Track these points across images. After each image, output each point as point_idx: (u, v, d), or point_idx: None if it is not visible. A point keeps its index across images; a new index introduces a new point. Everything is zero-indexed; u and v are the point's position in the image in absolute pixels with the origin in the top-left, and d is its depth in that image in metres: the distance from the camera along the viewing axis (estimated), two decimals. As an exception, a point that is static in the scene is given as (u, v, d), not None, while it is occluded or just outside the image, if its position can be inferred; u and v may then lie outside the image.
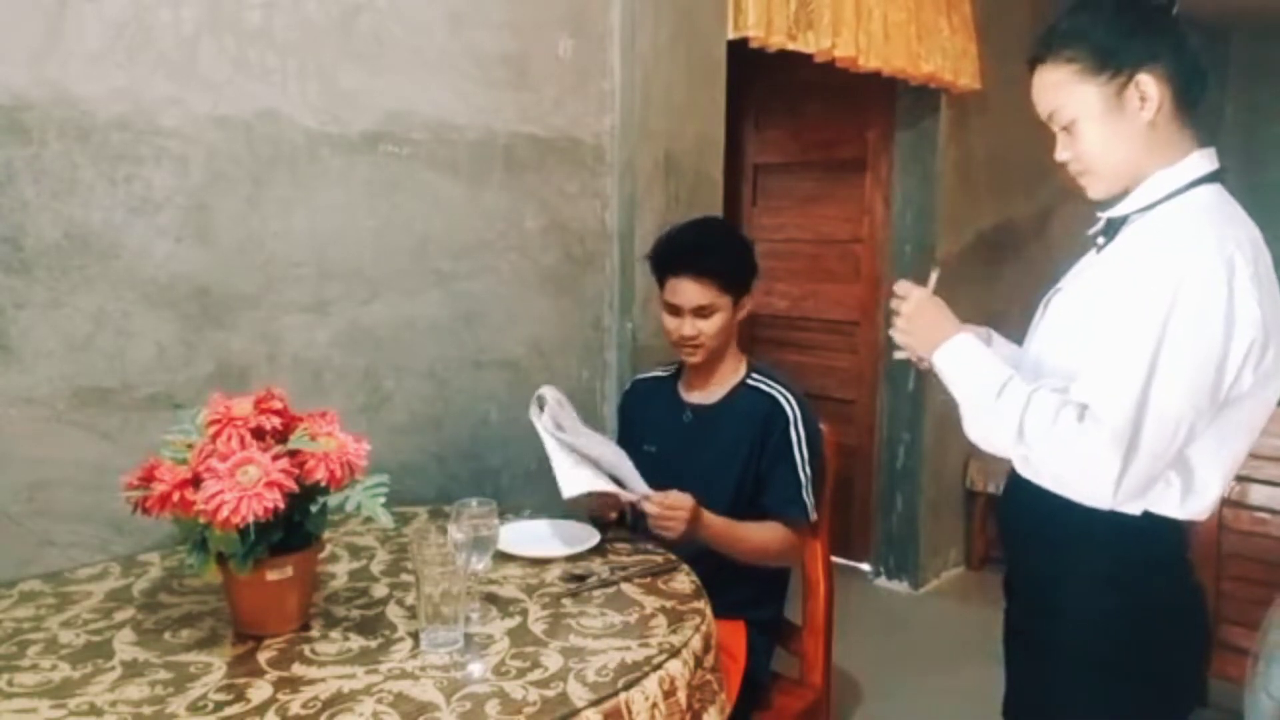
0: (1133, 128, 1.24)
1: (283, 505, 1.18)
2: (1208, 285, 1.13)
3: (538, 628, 1.34)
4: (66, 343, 1.56)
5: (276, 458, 1.20)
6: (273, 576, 1.25)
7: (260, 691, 1.14)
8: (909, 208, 3.56)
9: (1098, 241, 1.35)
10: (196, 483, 1.18)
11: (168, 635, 1.29)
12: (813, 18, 2.68)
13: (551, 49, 2.18)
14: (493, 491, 2.05)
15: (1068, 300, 1.33)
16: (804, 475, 1.83)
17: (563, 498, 1.63)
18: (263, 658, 1.23)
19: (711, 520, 1.73)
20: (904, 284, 1.39)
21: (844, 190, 3.76)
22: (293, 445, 1.24)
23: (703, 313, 1.83)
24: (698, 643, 1.32)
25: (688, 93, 2.45)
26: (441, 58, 1.99)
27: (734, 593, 1.75)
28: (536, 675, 1.19)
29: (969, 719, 2.03)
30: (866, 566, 3.79)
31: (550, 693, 1.14)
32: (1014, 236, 3.85)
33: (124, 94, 1.59)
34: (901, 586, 3.68)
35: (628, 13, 2.29)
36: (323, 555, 1.49)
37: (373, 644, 1.27)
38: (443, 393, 2.07)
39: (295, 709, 1.10)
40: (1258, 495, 2.41)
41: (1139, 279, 1.17)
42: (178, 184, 1.66)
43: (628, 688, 1.17)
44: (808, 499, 1.83)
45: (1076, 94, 1.26)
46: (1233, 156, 1.31)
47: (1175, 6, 1.29)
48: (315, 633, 1.30)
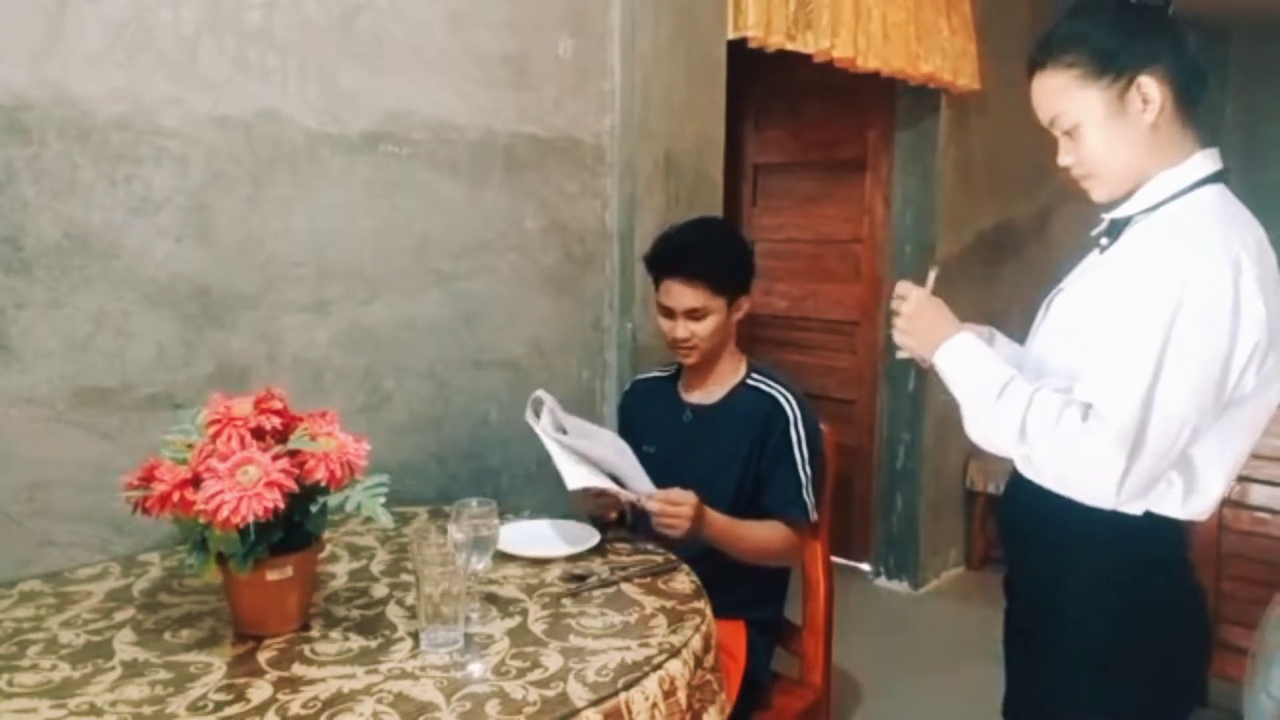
0: (1135, 130, 1.24)
1: (283, 505, 1.18)
2: (1213, 286, 1.13)
3: (538, 628, 1.34)
4: (66, 343, 1.56)
5: (276, 458, 1.20)
6: (273, 576, 1.25)
7: (260, 691, 1.14)
8: (909, 208, 3.56)
9: (1101, 242, 1.34)
10: (196, 483, 1.18)
11: (168, 635, 1.29)
12: (811, 18, 2.68)
13: (551, 49, 2.18)
14: (493, 491, 2.05)
15: (1071, 300, 1.33)
16: (804, 475, 1.83)
17: (568, 489, 1.63)
18: (263, 658, 1.23)
19: (715, 518, 1.73)
20: (904, 284, 1.39)
21: (844, 190, 3.76)
22: (293, 445, 1.24)
23: (695, 315, 1.82)
24: (698, 643, 1.32)
25: (688, 93, 2.45)
26: (441, 58, 1.99)
27: (734, 593, 1.75)
28: (536, 675, 1.19)
29: (969, 719, 2.03)
30: (866, 566, 3.79)
31: (550, 693, 1.14)
32: (1014, 236, 3.84)
33: (124, 94, 1.59)
34: (901, 586, 3.68)
35: (628, 13, 2.29)
36: (323, 555, 1.49)
37: (373, 644, 1.27)
38: (443, 393, 2.07)
39: (295, 709, 1.10)
40: (1258, 495, 2.42)
41: (1144, 279, 1.17)
42: (178, 184, 1.66)
43: (628, 688, 1.17)
44: (808, 499, 1.83)
45: (1078, 99, 1.25)
46: (1233, 156, 1.31)
47: (1171, 6, 1.29)
48: (315, 633, 1.30)
